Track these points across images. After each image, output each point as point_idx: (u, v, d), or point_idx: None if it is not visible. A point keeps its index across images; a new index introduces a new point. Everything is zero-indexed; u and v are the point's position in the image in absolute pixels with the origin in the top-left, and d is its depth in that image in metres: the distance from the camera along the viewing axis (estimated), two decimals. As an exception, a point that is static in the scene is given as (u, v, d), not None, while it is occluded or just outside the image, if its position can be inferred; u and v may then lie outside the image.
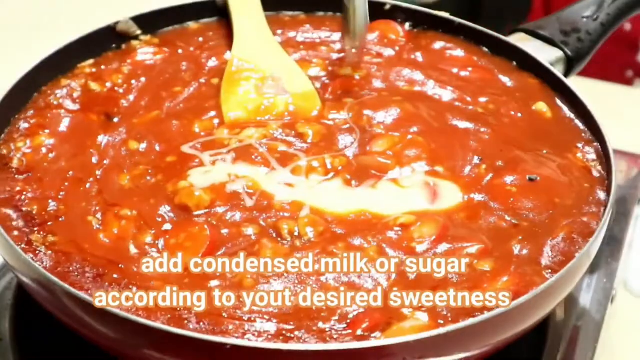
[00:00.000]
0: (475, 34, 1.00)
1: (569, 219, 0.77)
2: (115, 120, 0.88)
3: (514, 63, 0.97)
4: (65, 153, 0.83)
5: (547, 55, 0.95)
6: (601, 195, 0.80)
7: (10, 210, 0.76)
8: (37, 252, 0.72)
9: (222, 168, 0.81)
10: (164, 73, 0.95)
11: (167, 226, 0.75)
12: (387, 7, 1.04)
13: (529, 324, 0.70)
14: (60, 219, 0.76)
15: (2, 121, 0.85)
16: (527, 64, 0.96)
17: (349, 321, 0.68)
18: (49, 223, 0.75)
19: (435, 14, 1.03)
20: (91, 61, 0.95)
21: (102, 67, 0.95)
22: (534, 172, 0.81)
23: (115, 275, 0.71)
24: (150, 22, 1.00)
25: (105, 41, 0.97)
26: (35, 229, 0.75)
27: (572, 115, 0.90)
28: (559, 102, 0.92)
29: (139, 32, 1.00)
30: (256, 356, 0.63)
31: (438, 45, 1.00)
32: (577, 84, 0.91)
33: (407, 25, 1.03)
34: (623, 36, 1.66)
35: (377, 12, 1.03)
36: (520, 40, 0.98)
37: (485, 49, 0.99)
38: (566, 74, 0.96)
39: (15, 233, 0.74)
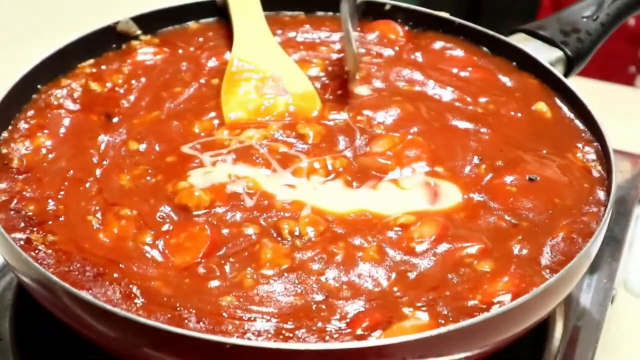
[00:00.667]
0: (475, 34, 1.00)
1: (569, 219, 0.77)
2: (115, 120, 0.88)
3: (514, 63, 0.97)
4: (65, 153, 0.83)
5: (547, 55, 0.95)
6: (601, 195, 0.80)
7: (10, 210, 0.76)
8: (37, 251, 0.72)
9: (222, 169, 0.81)
10: (164, 73, 0.95)
11: (167, 226, 0.75)
12: (387, 7, 1.04)
13: (529, 324, 0.70)
14: (60, 219, 0.76)
15: (2, 121, 0.85)
16: (527, 64, 0.96)
17: (348, 320, 0.68)
18: (49, 222, 0.75)
19: (435, 14, 1.03)
20: (91, 61, 0.95)
21: (102, 67, 0.95)
22: (533, 172, 0.81)
23: (115, 275, 0.71)
24: (150, 22, 1.00)
25: (105, 41, 0.97)
26: (35, 228, 0.75)
27: (572, 115, 0.90)
28: (558, 102, 0.92)
29: (139, 32, 1.00)
30: (256, 356, 0.63)
31: (438, 45, 1.00)
32: (577, 84, 0.91)
33: (406, 26, 1.03)
34: (626, 32, 1.65)
35: (377, 12, 1.03)
36: (520, 40, 0.98)
37: (485, 49, 0.99)
38: (566, 74, 0.96)
39: (15, 232, 0.74)
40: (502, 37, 0.99)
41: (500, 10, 2.01)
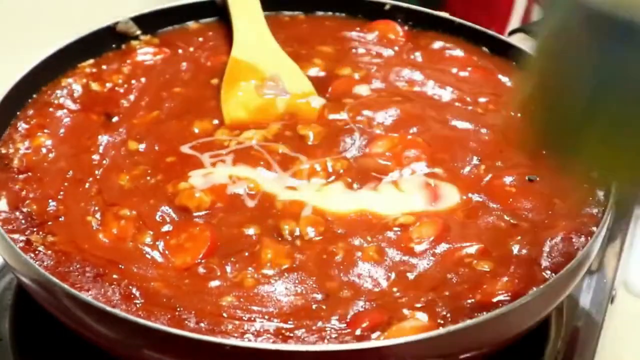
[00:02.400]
0: (475, 34, 1.00)
1: (569, 220, 0.76)
2: (115, 120, 0.88)
3: (514, 63, 0.97)
4: (65, 153, 0.83)
5: (546, 55, 0.95)
6: (601, 195, 0.79)
7: (10, 210, 0.76)
8: (37, 252, 0.72)
9: (222, 169, 0.81)
10: (164, 73, 0.95)
11: (167, 227, 0.75)
12: (387, 7, 1.04)
13: (529, 324, 0.70)
14: (60, 219, 0.76)
15: (2, 121, 0.85)
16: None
17: (348, 321, 0.68)
18: (49, 223, 0.75)
19: (435, 14, 1.03)
20: (91, 61, 0.95)
21: (102, 67, 0.95)
22: (533, 172, 0.81)
23: (115, 276, 0.71)
24: (150, 22, 1.00)
25: (105, 41, 0.97)
26: (35, 229, 0.75)
27: (572, 115, 0.90)
28: (558, 102, 0.92)
29: (138, 32, 0.99)
30: (255, 356, 0.63)
31: (437, 45, 1.00)
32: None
33: (406, 25, 1.03)
34: None
35: (376, 12, 1.03)
36: (520, 40, 0.98)
37: (485, 49, 0.99)
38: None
39: (15, 233, 0.74)
40: (502, 37, 0.99)
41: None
